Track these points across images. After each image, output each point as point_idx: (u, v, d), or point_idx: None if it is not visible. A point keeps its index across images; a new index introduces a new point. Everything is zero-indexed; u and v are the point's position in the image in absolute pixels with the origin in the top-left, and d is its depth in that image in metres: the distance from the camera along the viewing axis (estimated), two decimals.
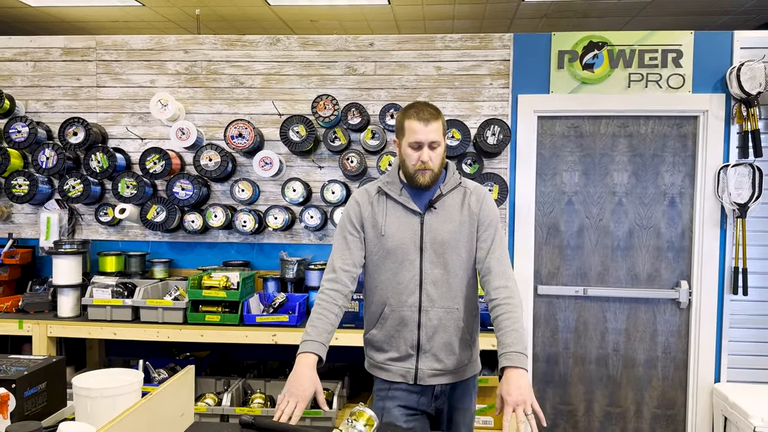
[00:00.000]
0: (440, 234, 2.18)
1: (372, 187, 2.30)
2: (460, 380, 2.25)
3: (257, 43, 3.85)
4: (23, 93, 3.96)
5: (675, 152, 3.75)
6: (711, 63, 3.64)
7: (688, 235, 3.76)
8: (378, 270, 2.22)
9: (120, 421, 1.57)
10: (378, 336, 2.24)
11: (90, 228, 3.96)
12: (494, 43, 3.73)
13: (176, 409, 1.91)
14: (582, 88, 3.70)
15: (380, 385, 2.27)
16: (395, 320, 2.20)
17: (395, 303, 2.19)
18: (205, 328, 3.32)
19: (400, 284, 2.18)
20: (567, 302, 3.84)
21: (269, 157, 3.70)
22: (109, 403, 1.78)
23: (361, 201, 2.26)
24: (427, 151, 2.14)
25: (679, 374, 3.80)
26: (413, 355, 2.19)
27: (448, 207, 2.22)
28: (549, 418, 3.88)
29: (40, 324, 3.37)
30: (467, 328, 2.23)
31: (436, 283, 2.17)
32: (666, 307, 3.79)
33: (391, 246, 2.18)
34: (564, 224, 3.82)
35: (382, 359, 2.24)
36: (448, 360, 2.20)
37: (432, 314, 2.17)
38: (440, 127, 2.16)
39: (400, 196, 2.22)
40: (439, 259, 2.17)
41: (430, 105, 2.19)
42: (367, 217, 2.23)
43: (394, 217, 2.21)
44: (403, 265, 2.17)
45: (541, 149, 3.81)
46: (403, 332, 2.19)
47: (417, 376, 2.19)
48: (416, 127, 2.14)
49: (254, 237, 3.87)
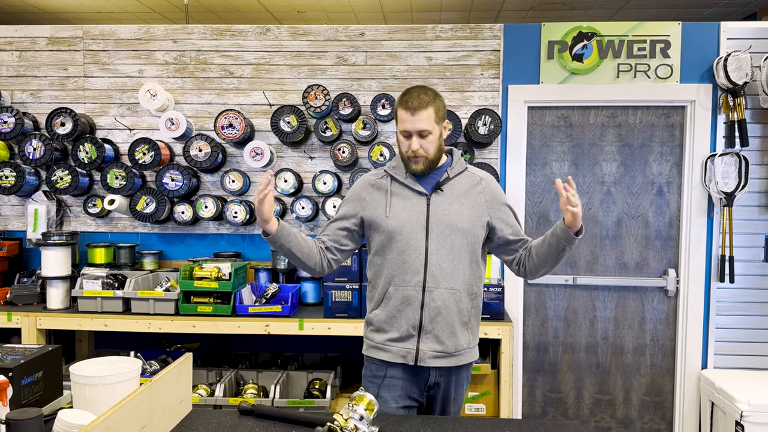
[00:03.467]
0: (447, 215, 2.19)
1: (376, 173, 2.33)
2: (458, 365, 2.24)
3: (247, 33, 3.83)
4: (8, 83, 3.90)
5: (663, 142, 3.79)
6: (698, 53, 3.68)
7: (676, 223, 3.80)
8: (384, 250, 2.22)
9: (121, 407, 1.56)
10: (380, 315, 2.23)
11: (78, 220, 3.92)
12: (485, 34, 3.73)
13: (175, 396, 1.90)
14: (571, 78, 3.73)
15: (376, 370, 2.25)
16: (398, 299, 2.19)
17: (399, 282, 2.18)
18: (197, 319, 3.30)
19: (405, 263, 2.18)
20: (557, 291, 3.87)
21: (260, 148, 3.68)
22: (108, 390, 1.77)
23: (363, 187, 2.29)
24: (416, 140, 2.14)
25: (667, 361, 3.85)
26: (414, 335, 2.18)
27: (456, 190, 2.23)
28: (539, 405, 3.92)
29: (30, 316, 3.33)
30: (468, 311, 2.23)
31: (441, 263, 2.17)
32: (654, 295, 3.84)
33: (396, 226, 2.18)
34: (554, 214, 3.85)
35: (382, 339, 2.23)
36: (449, 342, 2.19)
37: (435, 294, 2.17)
38: (431, 114, 2.14)
39: (406, 178, 2.24)
40: (445, 240, 2.17)
41: (424, 91, 2.17)
42: (370, 202, 2.25)
43: (399, 198, 2.22)
44: (409, 245, 2.17)
45: (531, 139, 3.83)
46: (406, 311, 2.18)
47: (418, 357, 2.18)
48: (404, 116, 2.14)
49: (245, 228, 3.86)
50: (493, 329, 3.23)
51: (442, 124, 2.21)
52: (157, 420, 1.73)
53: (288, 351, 3.91)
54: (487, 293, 3.29)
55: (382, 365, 2.24)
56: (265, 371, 3.59)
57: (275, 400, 3.25)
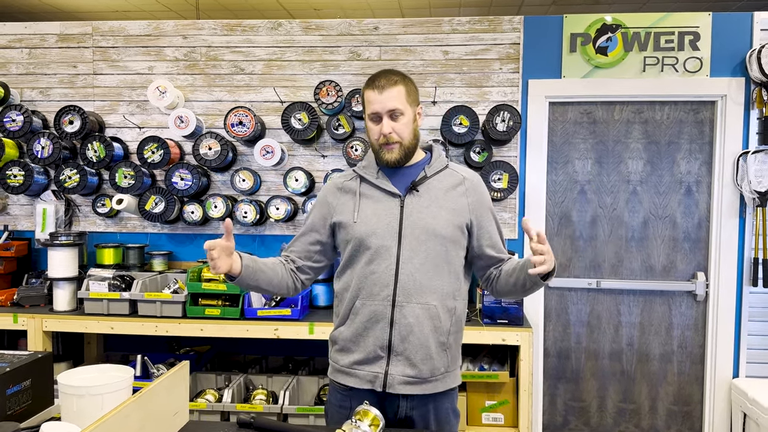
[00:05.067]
0: (423, 219, 1.92)
1: (345, 175, 2.08)
2: (434, 393, 1.94)
3: (258, 28, 3.73)
4: (18, 81, 3.84)
5: (692, 139, 3.61)
6: (730, 45, 3.50)
7: (705, 225, 3.62)
8: (352, 261, 1.96)
9: (106, 420, 1.45)
10: (345, 333, 1.97)
11: (87, 219, 3.85)
12: (504, 26, 3.59)
13: (169, 408, 1.79)
14: (595, 72, 3.56)
15: (341, 400, 1.98)
16: (365, 315, 1.92)
17: (366, 295, 1.92)
18: (205, 322, 3.20)
19: (373, 274, 1.91)
20: (579, 295, 3.71)
21: (271, 146, 3.57)
22: (96, 401, 1.66)
23: (330, 192, 2.05)
24: (387, 122, 1.88)
25: (696, 369, 3.66)
26: (383, 357, 1.91)
27: (434, 190, 1.96)
28: (560, 414, 3.76)
29: (35, 318, 3.26)
30: (446, 330, 1.94)
31: (414, 274, 1.89)
32: (682, 300, 3.66)
33: (364, 232, 1.92)
34: (576, 214, 3.69)
35: (347, 362, 1.96)
36: (423, 365, 1.90)
37: (407, 310, 1.89)
38: (401, 93, 1.89)
39: (377, 178, 1.98)
40: (420, 247, 1.90)
41: (393, 71, 1.94)
42: (336, 207, 2.01)
43: (369, 200, 1.97)
44: (378, 253, 1.91)
45: (553, 136, 3.67)
46: (373, 330, 1.91)
47: (386, 383, 1.90)
48: (371, 96, 1.90)
49: (255, 228, 3.76)
50: (512, 335, 3.08)
51: (415, 108, 1.96)
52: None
53: (299, 355, 3.80)
54: None
55: (348, 394, 1.97)
56: (275, 376, 3.49)
57: (284, 406, 3.14)
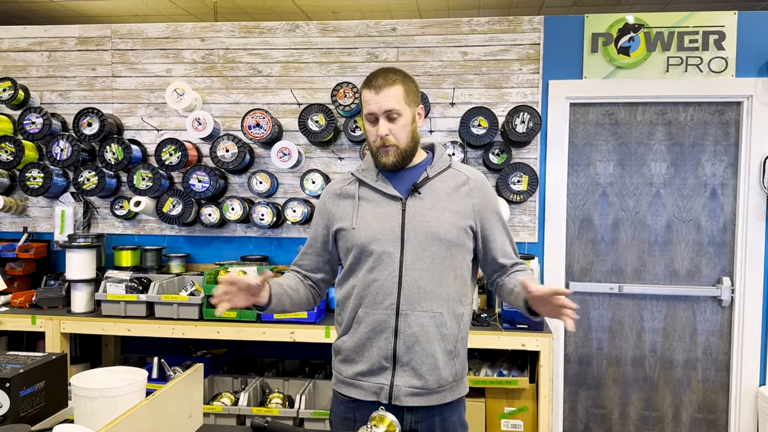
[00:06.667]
0: (426, 223, 1.83)
1: (343, 179, 1.99)
2: (440, 404, 1.85)
3: (275, 30, 3.71)
4: (38, 84, 3.87)
5: (716, 140, 3.53)
6: (756, 45, 3.41)
7: (731, 228, 3.53)
8: (354, 268, 1.88)
9: (119, 423, 1.43)
10: (348, 343, 1.89)
11: (105, 222, 3.86)
12: (524, 26, 3.54)
13: (183, 411, 1.77)
14: (617, 72, 3.50)
15: (345, 412, 1.89)
16: (368, 325, 1.84)
17: (369, 303, 1.83)
18: (222, 325, 3.19)
19: (375, 282, 1.82)
20: (601, 300, 3.64)
21: (288, 148, 3.56)
22: (109, 404, 1.64)
23: (329, 199, 1.96)
24: (384, 124, 1.79)
25: (721, 376, 3.57)
26: (388, 368, 1.82)
27: (437, 192, 1.88)
28: (581, 421, 3.68)
29: (53, 320, 3.27)
30: (453, 337, 1.85)
31: (417, 281, 1.81)
32: (707, 305, 3.57)
33: (365, 238, 1.84)
34: (598, 217, 3.62)
35: (350, 373, 1.88)
36: (429, 375, 1.82)
37: (411, 319, 1.80)
38: (399, 92, 1.80)
39: (377, 181, 1.89)
40: (424, 252, 1.82)
41: (392, 70, 1.84)
42: (336, 214, 1.92)
43: (369, 204, 1.88)
44: (381, 260, 1.82)
45: (574, 138, 3.61)
46: (377, 340, 1.83)
47: (392, 394, 1.81)
48: (367, 96, 1.81)
49: (272, 231, 3.74)
50: (532, 340, 3.02)
51: (414, 108, 1.86)
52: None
53: (315, 359, 3.77)
54: None
55: (351, 406, 1.88)
56: (291, 380, 3.46)
57: (301, 410, 3.11)
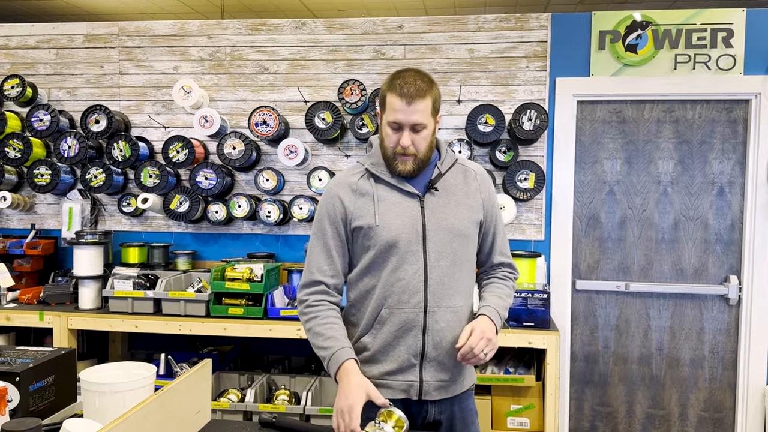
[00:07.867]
0: (446, 219, 1.84)
1: (353, 173, 1.91)
2: (459, 394, 1.92)
3: (282, 28, 3.72)
4: (46, 81, 3.88)
5: (724, 138, 3.52)
6: (765, 42, 3.40)
7: (739, 226, 3.52)
8: (374, 267, 1.84)
9: (127, 418, 1.44)
10: (371, 344, 1.86)
11: (113, 218, 3.87)
12: (531, 24, 3.53)
13: (191, 406, 1.77)
14: (624, 70, 3.49)
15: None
16: (395, 324, 1.82)
17: (395, 303, 1.81)
18: (229, 321, 3.20)
19: (401, 281, 1.81)
20: (607, 298, 3.63)
21: (294, 146, 3.56)
22: (118, 398, 1.65)
23: (343, 195, 1.86)
24: (408, 135, 1.77)
25: (728, 375, 3.56)
26: (416, 364, 1.83)
27: (451, 187, 1.88)
28: (587, 419, 3.68)
29: (61, 316, 3.29)
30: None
31: (442, 278, 1.82)
32: (714, 304, 3.56)
33: (390, 237, 1.80)
34: (605, 215, 3.61)
35: (377, 373, 1.85)
36: (455, 369, 1.87)
37: (439, 315, 1.82)
38: (428, 106, 1.76)
39: (392, 177, 1.85)
40: (446, 249, 1.83)
41: (421, 76, 1.78)
42: (354, 212, 1.85)
43: (388, 202, 1.84)
44: (405, 259, 1.81)
45: (581, 135, 3.60)
46: (405, 338, 1.82)
47: (422, 390, 1.84)
48: (397, 104, 1.75)
49: (279, 228, 3.75)
50: (538, 338, 3.02)
51: (436, 118, 1.84)
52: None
53: None
54: (531, 299, 3.08)
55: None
56: (298, 376, 3.47)
57: (307, 407, 3.11)
